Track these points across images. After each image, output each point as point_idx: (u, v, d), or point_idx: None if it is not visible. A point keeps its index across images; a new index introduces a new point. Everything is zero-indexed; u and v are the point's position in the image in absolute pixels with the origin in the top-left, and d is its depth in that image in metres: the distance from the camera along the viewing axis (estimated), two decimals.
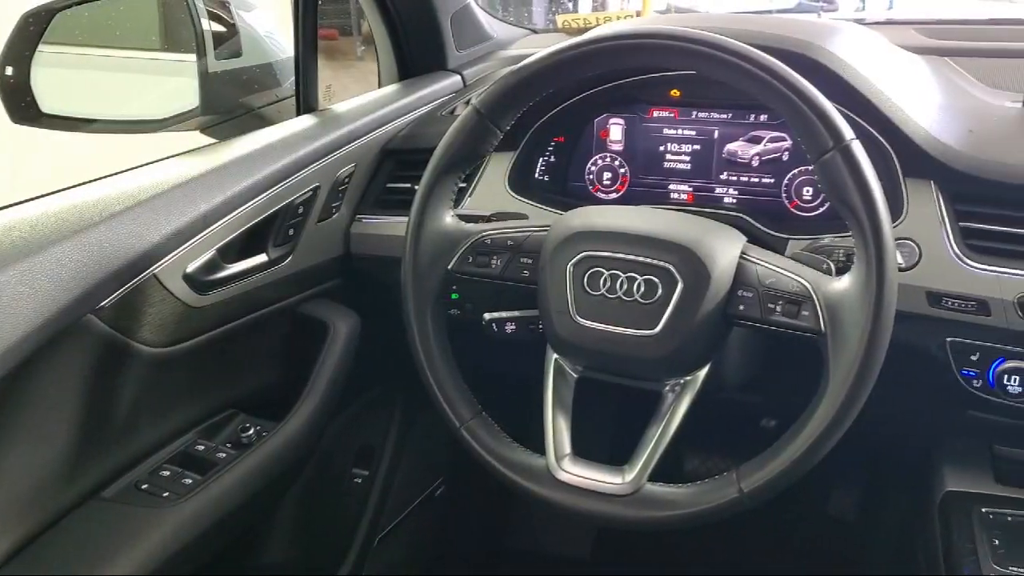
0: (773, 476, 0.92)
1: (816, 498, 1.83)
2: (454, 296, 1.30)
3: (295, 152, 1.31)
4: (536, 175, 1.39)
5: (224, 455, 1.21)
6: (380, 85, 1.67)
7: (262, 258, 1.28)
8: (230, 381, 1.33)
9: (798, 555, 1.84)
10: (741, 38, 0.93)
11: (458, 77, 1.66)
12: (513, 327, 1.17)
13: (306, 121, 1.42)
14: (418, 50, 1.66)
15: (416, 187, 1.09)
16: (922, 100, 1.20)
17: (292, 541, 1.53)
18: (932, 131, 1.11)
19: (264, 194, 1.25)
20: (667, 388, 1.02)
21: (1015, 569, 1.02)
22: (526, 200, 1.33)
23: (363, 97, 1.54)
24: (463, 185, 1.30)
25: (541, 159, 1.39)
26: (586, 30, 1.12)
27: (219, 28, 1.77)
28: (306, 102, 1.48)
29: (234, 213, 1.21)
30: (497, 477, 1.05)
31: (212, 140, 1.48)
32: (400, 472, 1.72)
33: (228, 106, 1.72)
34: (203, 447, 1.23)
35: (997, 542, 1.07)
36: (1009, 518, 1.10)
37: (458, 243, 1.09)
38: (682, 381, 1.02)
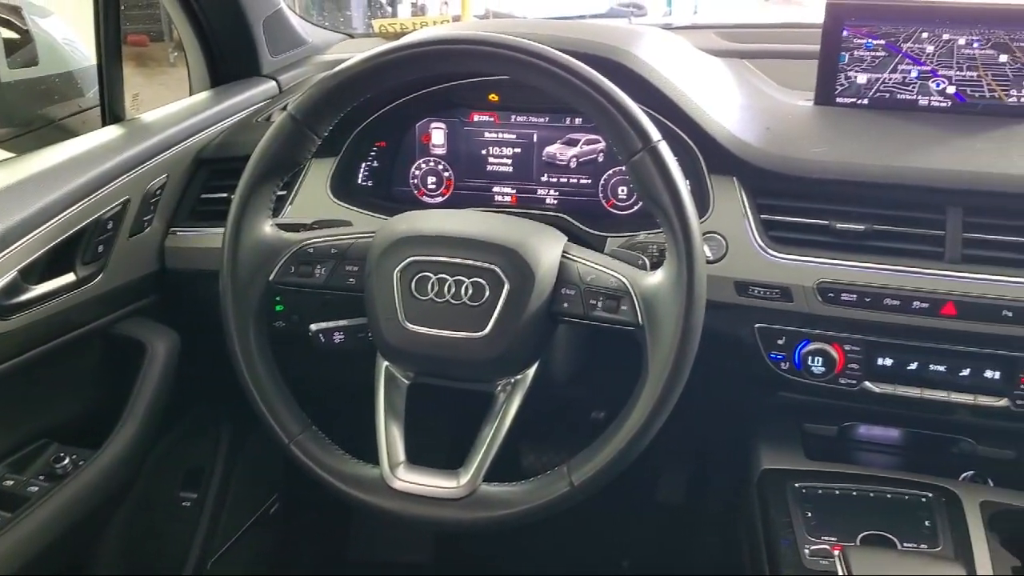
0: (601, 467, 0.95)
1: (645, 485, 1.90)
2: (279, 308, 1.27)
3: (101, 164, 1.24)
4: (359, 181, 1.38)
5: (36, 488, 1.13)
6: (191, 93, 1.60)
7: (70, 278, 1.20)
8: (41, 409, 1.24)
9: (631, 542, 1.90)
10: (551, 43, 0.95)
11: (273, 83, 1.62)
12: (341, 337, 1.15)
13: (113, 132, 1.35)
14: (230, 56, 1.61)
15: (232, 196, 1.05)
16: (723, 101, 1.27)
17: (119, 572, 1.44)
18: (733, 130, 1.18)
19: (69, 210, 1.18)
20: (498, 388, 1.03)
21: (827, 538, 1.09)
22: (350, 206, 1.31)
23: (173, 105, 1.47)
24: (282, 193, 1.27)
25: (364, 164, 1.38)
26: (403, 35, 1.12)
27: (10, 35, 1.66)
28: (112, 112, 1.40)
29: (36, 231, 1.13)
30: (331, 491, 1.03)
31: (9, 155, 1.38)
32: (231, 492, 1.66)
33: (25, 118, 1.62)
34: (12, 482, 1.15)
35: (810, 514, 1.14)
36: (820, 491, 1.18)
37: (279, 253, 1.06)
38: (512, 380, 1.03)
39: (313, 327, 1.15)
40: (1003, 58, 1.20)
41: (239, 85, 1.58)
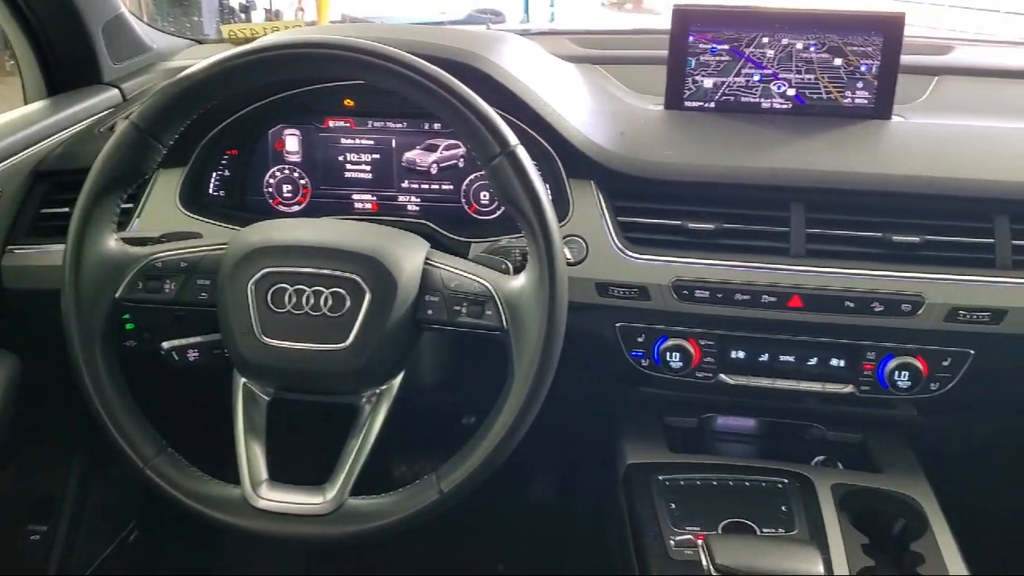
0: (471, 473, 0.95)
1: (517, 487, 1.91)
2: (128, 327, 1.21)
3: None
4: (211, 191, 1.33)
5: None
6: (26, 102, 1.51)
7: None
8: None
9: (505, 545, 1.91)
10: (406, 48, 0.95)
11: (116, 91, 1.54)
12: (196, 354, 1.11)
13: None
14: (67, 63, 1.52)
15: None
16: (578, 105, 1.29)
17: None
18: (589, 134, 1.20)
19: None
20: (363, 400, 1.02)
21: (690, 528, 1.12)
22: (201, 218, 1.26)
23: (5, 116, 1.38)
24: (128, 206, 1.22)
25: (215, 174, 1.33)
26: (253, 39, 1.08)
27: None
28: None
29: None
30: (192, 514, 0.99)
31: None
32: (86, 522, 1.57)
33: None
34: None
35: (674, 506, 1.17)
36: (682, 482, 1.22)
37: (125, 269, 1.01)
38: (377, 391, 1.01)
39: (165, 345, 1.10)
40: (838, 61, 1.26)
41: (79, 94, 1.50)
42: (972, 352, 1.15)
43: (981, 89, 1.43)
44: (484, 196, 1.31)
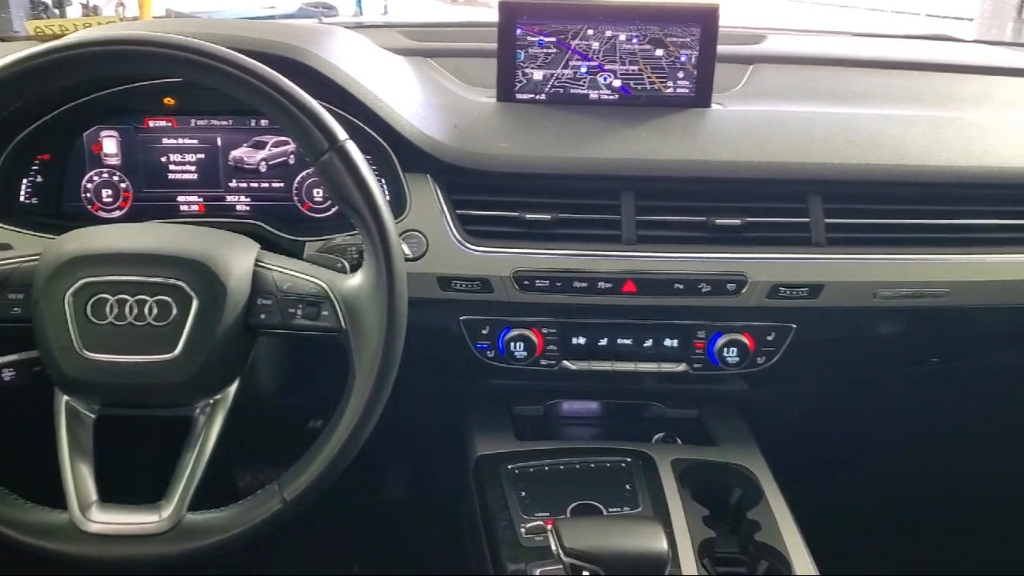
0: (314, 479, 0.93)
1: (369, 485, 1.89)
2: None
3: None
4: (22, 199, 1.24)
5: None
6: None
7: None
8: None
9: (360, 546, 1.88)
10: (227, 43, 0.91)
11: None
12: (12, 373, 1.04)
13: None
14: None
15: None
16: (411, 99, 1.28)
17: None
18: (422, 127, 1.19)
19: None
20: (197, 411, 0.98)
21: (540, 514, 1.14)
22: (11, 228, 1.18)
23: None
24: None
25: (26, 180, 1.24)
26: (62, 36, 1.02)
27: None
28: None
29: None
30: (16, 545, 0.93)
31: None
32: None
33: None
34: None
35: (524, 493, 1.18)
36: (531, 469, 1.23)
37: None
38: (211, 401, 0.98)
39: None
40: (659, 52, 1.31)
41: None
42: (794, 326, 1.22)
43: (793, 76, 1.52)
44: (317, 193, 1.28)
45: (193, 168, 1.28)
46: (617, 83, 1.32)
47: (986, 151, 1.28)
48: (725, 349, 1.22)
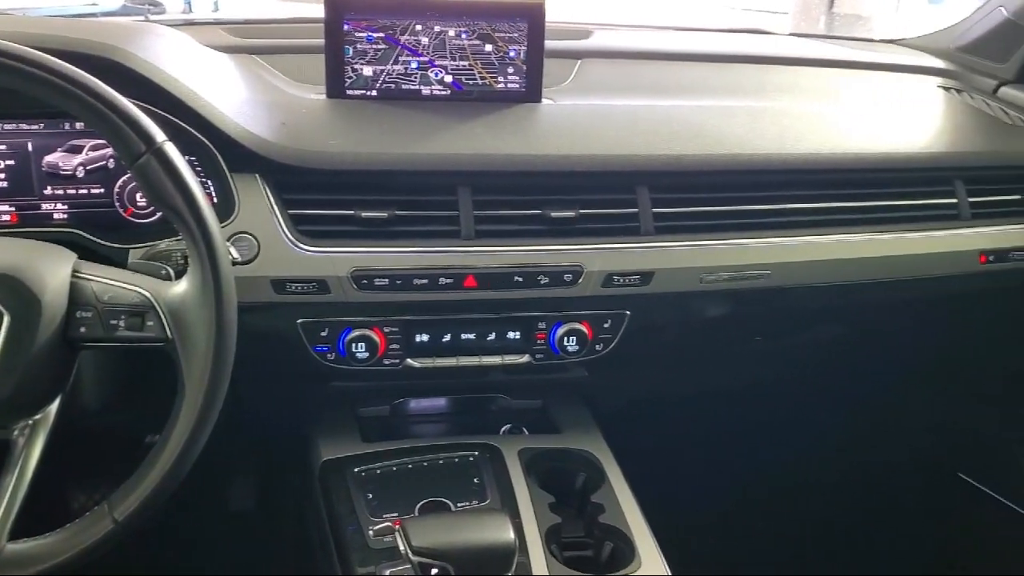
0: (147, 496, 0.89)
1: (215, 498, 1.83)
2: None
3: None
4: None
5: None
6: None
7: None
8: None
9: (208, 560, 1.82)
10: (34, 42, 0.86)
11: None
12: None
13: None
14: None
15: None
16: (235, 97, 1.24)
17: None
18: (248, 126, 1.16)
19: None
20: (16, 433, 0.92)
21: (388, 515, 1.13)
22: None
23: None
24: None
25: None
26: None
27: None
28: None
29: None
30: None
31: None
32: None
33: None
34: None
35: (371, 496, 1.18)
36: (378, 471, 1.22)
37: None
38: (31, 421, 0.92)
39: None
40: (488, 47, 1.31)
41: None
42: (628, 313, 1.26)
43: (619, 70, 1.56)
44: (140, 198, 1.22)
45: (2, 176, 1.19)
46: (448, 78, 1.32)
47: (799, 138, 1.36)
48: (565, 338, 1.25)
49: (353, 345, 1.20)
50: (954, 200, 1.41)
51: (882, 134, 1.44)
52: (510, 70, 1.33)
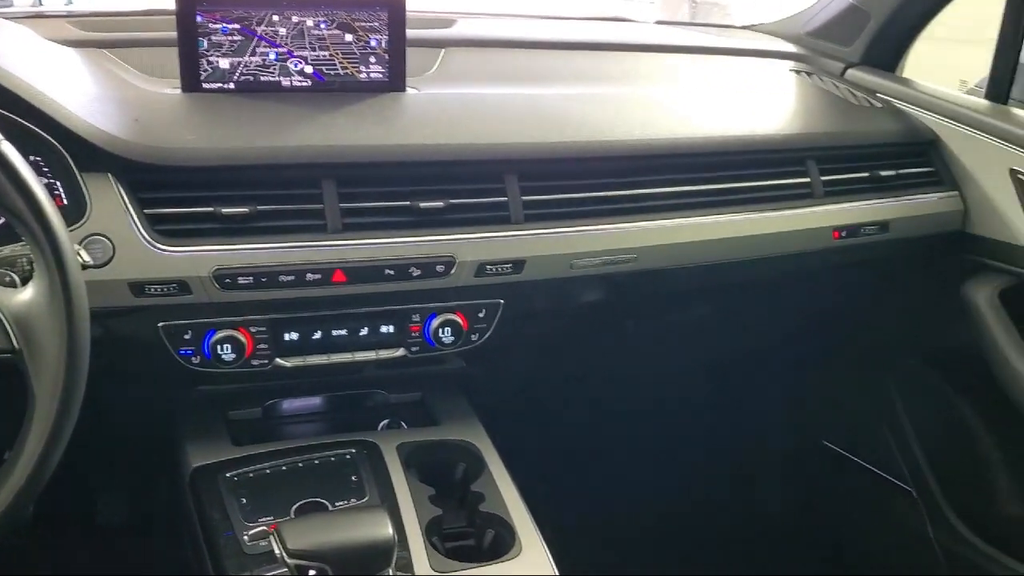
0: None
1: (85, 515, 1.74)
2: None
3: None
4: None
5: None
6: None
7: None
8: None
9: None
10: None
11: None
12: None
13: None
14: None
15: None
16: (83, 93, 1.18)
17: None
18: (96, 123, 1.10)
19: None
20: None
21: (263, 519, 1.10)
22: None
23: None
24: None
25: None
26: None
27: None
28: None
29: None
30: None
31: None
32: None
33: None
34: None
35: (244, 501, 1.14)
36: (252, 475, 1.19)
37: None
38: None
39: None
40: (349, 37, 1.29)
41: None
42: (502, 301, 1.26)
43: (484, 59, 1.56)
44: None
45: None
46: (309, 69, 1.29)
47: (662, 124, 1.39)
48: (440, 330, 1.24)
49: (219, 347, 1.16)
50: (807, 180, 1.46)
51: (739, 118, 1.49)
52: (372, 60, 1.31)
